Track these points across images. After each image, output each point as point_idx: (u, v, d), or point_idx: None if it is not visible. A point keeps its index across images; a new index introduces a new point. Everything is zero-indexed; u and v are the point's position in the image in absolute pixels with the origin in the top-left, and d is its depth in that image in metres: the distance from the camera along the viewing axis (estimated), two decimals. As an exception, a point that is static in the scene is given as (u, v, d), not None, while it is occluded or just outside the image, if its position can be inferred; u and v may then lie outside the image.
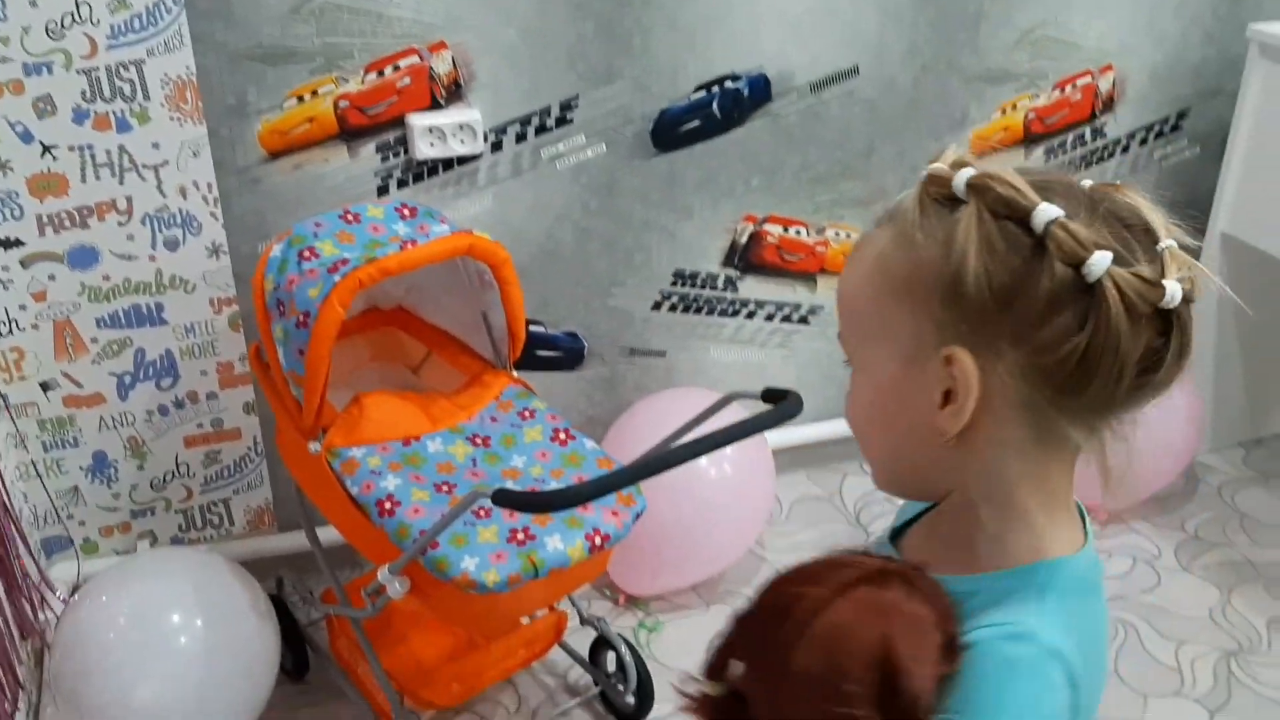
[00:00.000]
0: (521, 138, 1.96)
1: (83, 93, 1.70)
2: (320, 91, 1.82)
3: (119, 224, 1.80)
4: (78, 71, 1.69)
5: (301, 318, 1.51)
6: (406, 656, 1.77)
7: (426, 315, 1.87)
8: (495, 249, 1.62)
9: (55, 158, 1.73)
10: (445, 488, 1.56)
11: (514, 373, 1.79)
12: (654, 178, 2.07)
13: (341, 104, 1.84)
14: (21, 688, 1.77)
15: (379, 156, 1.90)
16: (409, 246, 1.58)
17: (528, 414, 1.72)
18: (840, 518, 2.33)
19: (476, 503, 1.41)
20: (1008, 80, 2.22)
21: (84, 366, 1.88)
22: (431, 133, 1.88)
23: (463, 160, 1.94)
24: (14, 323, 1.81)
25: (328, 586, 1.82)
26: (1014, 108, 2.26)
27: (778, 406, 1.41)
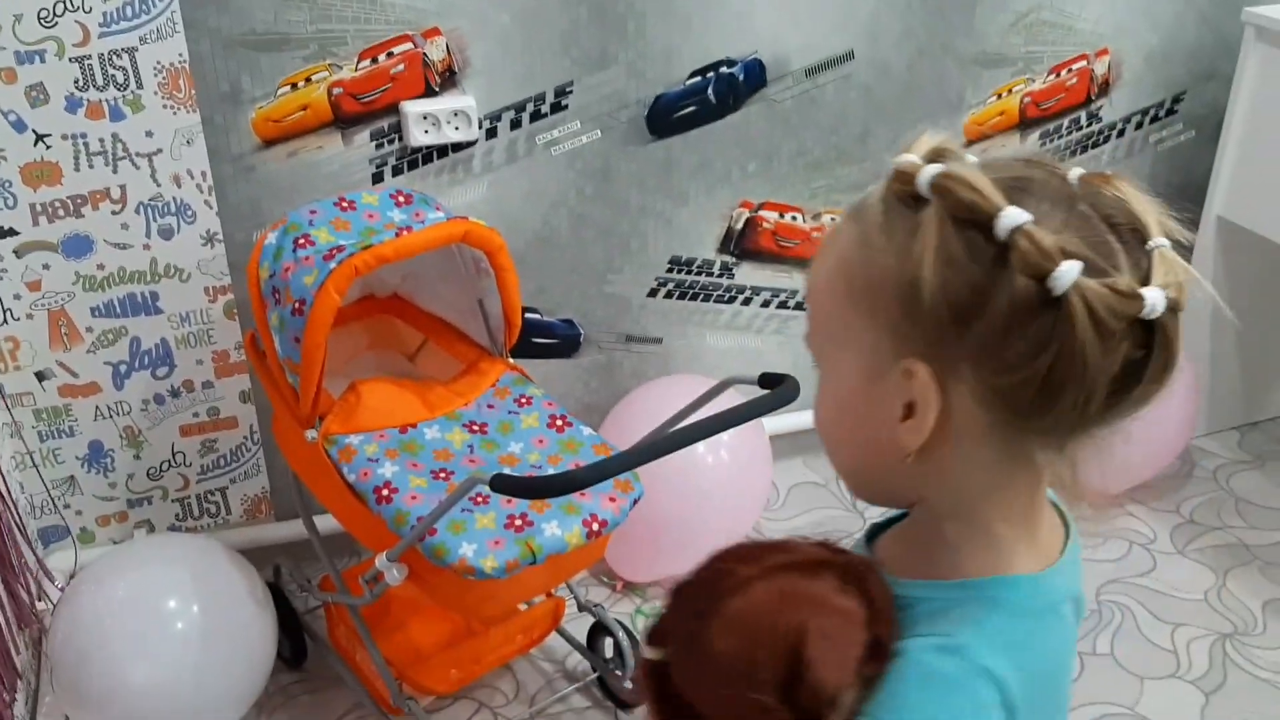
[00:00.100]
0: (516, 124, 1.95)
1: (75, 81, 1.70)
2: (314, 79, 1.82)
3: (113, 213, 1.80)
4: (70, 59, 1.68)
5: (297, 305, 1.51)
6: (404, 643, 1.77)
7: (422, 303, 1.87)
8: (491, 236, 1.61)
9: (48, 146, 1.72)
10: (442, 474, 1.56)
11: (510, 360, 1.79)
12: (649, 164, 2.07)
13: (335, 91, 1.83)
14: (19, 676, 1.77)
15: (373, 144, 1.89)
16: (404, 233, 1.58)
17: (524, 401, 1.72)
18: (837, 503, 2.34)
19: (474, 489, 1.41)
20: (1003, 64, 2.21)
21: (79, 356, 1.87)
22: (426, 119, 1.87)
23: (458, 147, 1.93)
24: (9, 312, 1.81)
25: (325, 574, 1.83)
26: (1010, 92, 2.25)
27: (774, 392, 1.42)
